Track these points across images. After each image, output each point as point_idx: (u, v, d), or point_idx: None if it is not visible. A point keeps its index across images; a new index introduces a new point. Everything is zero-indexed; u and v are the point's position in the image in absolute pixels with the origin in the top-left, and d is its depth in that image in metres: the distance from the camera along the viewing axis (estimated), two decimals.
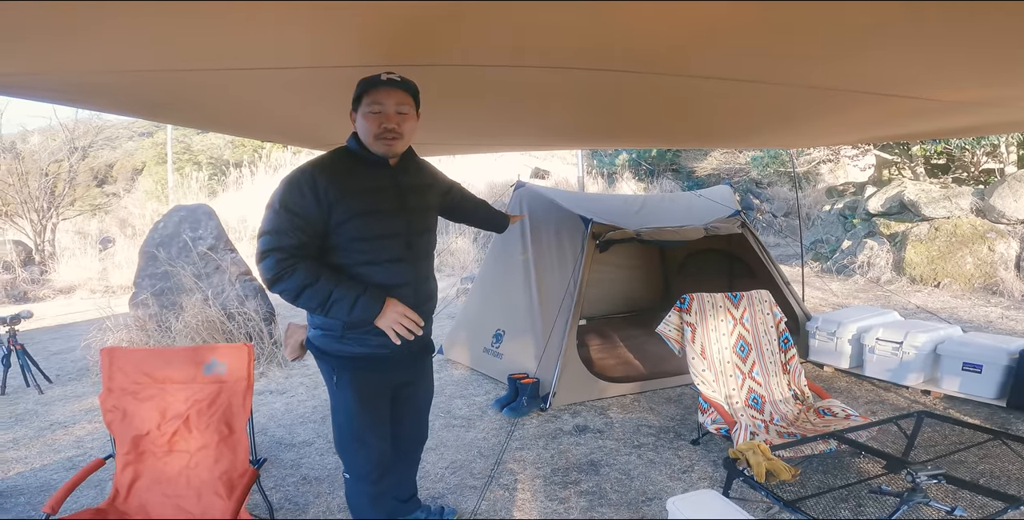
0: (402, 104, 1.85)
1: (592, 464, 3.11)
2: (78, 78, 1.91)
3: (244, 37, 1.61)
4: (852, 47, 1.77)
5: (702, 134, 3.62)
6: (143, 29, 1.48)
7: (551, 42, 1.71)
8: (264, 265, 1.76)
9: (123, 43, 1.60)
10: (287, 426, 3.83)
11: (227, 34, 1.57)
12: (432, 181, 2.15)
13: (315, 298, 1.75)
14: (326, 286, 1.74)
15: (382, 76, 1.81)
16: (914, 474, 1.67)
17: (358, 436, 2.01)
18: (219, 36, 1.59)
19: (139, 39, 1.57)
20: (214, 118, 2.82)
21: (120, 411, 2.35)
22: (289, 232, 1.76)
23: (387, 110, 1.82)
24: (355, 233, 1.84)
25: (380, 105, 1.82)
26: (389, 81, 1.81)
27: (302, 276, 1.74)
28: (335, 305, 1.75)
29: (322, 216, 1.80)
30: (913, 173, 10.17)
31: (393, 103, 1.83)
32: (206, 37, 1.59)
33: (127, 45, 1.62)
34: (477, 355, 4.67)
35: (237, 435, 2.34)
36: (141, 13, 1.33)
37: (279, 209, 1.78)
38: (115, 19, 1.38)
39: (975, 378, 3.64)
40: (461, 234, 11.19)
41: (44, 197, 11.45)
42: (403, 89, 1.84)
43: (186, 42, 1.62)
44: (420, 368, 2.17)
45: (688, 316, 3.11)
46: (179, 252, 5.39)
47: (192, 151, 20.26)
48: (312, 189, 1.78)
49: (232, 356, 2.29)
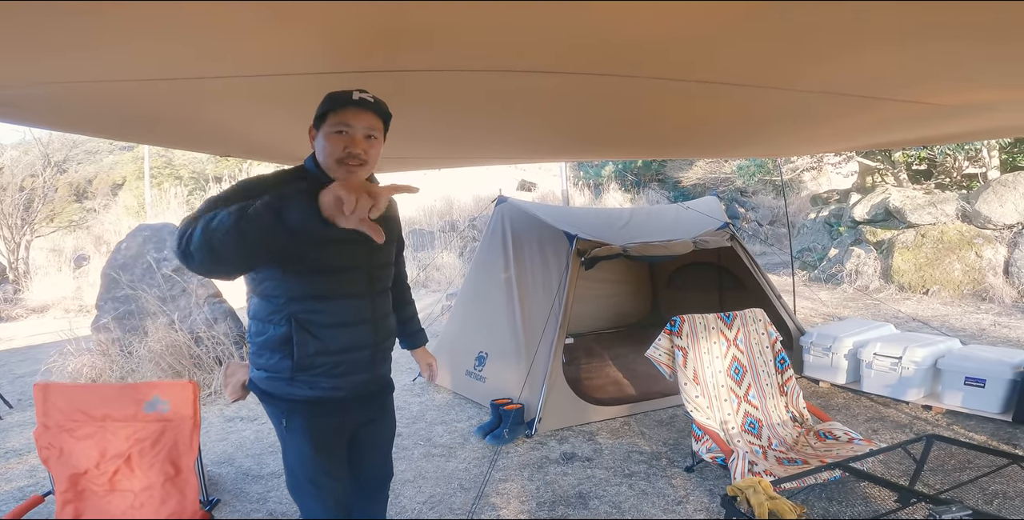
0: (372, 128, 1.62)
1: (580, 496, 2.90)
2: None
3: (195, 43, 1.43)
4: (843, 47, 1.62)
5: (688, 143, 3.47)
6: (79, 34, 1.29)
7: (528, 44, 1.55)
8: (174, 242, 1.35)
9: (56, 52, 1.41)
10: (255, 456, 3.59)
11: (175, 41, 1.39)
12: (392, 214, 1.93)
13: (227, 223, 1.25)
14: (236, 206, 1.28)
15: (353, 95, 1.59)
16: (937, 516, 1.49)
17: (312, 480, 1.80)
18: (168, 43, 1.40)
19: (74, 45, 1.38)
20: (165, 132, 2.62)
21: (56, 448, 2.19)
22: (232, 200, 1.38)
23: (354, 133, 1.59)
24: (309, 264, 1.61)
25: (347, 127, 1.59)
26: (361, 101, 1.59)
27: (206, 216, 1.30)
28: (256, 218, 1.24)
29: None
30: (896, 179, 10.17)
31: (362, 126, 1.60)
32: (154, 44, 1.40)
33: (60, 54, 1.43)
34: (460, 378, 4.46)
35: (184, 475, 2.15)
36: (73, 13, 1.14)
37: (232, 185, 1.57)
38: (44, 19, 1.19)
39: (978, 393, 3.50)
40: (447, 248, 11.01)
41: (18, 213, 11.10)
42: (375, 111, 1.62)
43: (132, 49, 1.44)
44: (380, 406, 1.96)
45: (679, 339, 2.93)
46: (143, 274, 5.13)
47: (173, 165, 19.87)
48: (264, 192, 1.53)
49: (175, 394, 2.08)
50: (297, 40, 1.48)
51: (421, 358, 2.22)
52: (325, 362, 1.68)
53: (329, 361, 1.68)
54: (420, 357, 2.22)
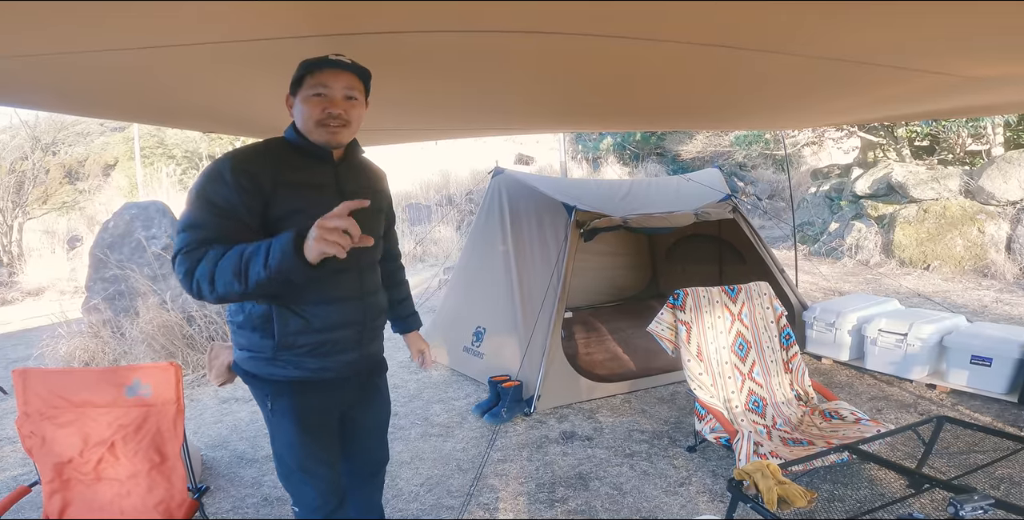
0: (351, 88, 1.56)
1: (580, 477, 2.85)
2: None
3: (166, 9, 1.29)
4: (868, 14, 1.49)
5: (695, 113, 3.33)
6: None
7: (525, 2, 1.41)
8: (177, 266, 1.43)
9: (26, 22, 1.28)
10: (250, 438, 3.53)
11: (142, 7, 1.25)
12: (379, 185, 1.83)
13: (230, 268, 1.36)
14: (236, 250, 1.38)
15: (329, 56, 1.52)
16: (958, 505, 1.42)
17: (302, 466, 1.72)
18: (134, 9, 1.27)
19: (43, 14, 1.25)
20: (137, 107, 2.48)
21: (39, 437, 2.09)
22: (210, 227, 1.44)
23: (333, 94, 1.53)
24: None
25: (325, 88, 1.52)
26: (337, 61, 1.53)
27: (213, 255, 1.39)
28: (249, 264, 1.34)
29: (252, 210, 1.48)
30: (898, 155, 10.01)
31: (341, 86, 1.54)
32: (118, 11, 1.27)
33: (31, 24, 1.30)
34: (457, 354, 4.39)
35: (171, 462, 2.07)
36: None
37: (198, 201, 1.46)
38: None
39: (984, 372, 3.43)
40: (443, 222, 10.87)
41: (8, 196, 10.92)
42: (352, 71, 1.56)
43: (94, 18, 1.30)
44: (372, 387, 1.88)
45: (682, 313, 2.83)
46: (132, 253, 5.01)
47: (166, 145, 19.51)
48: (239, 178, 1.46)
49: (157, 377, 1.99)
50: (272, 3, 1.35)
51: (413, 344, 2.12)
52: (309, 341, 1.60)
53: (313, 340, 1.60)
54: (412, 342, 2.13)
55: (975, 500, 1.41)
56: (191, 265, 1.40)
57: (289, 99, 1.60)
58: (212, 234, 1.43)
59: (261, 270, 1.32)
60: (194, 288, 1.41)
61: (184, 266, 1.41)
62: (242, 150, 1.56)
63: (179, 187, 14.25)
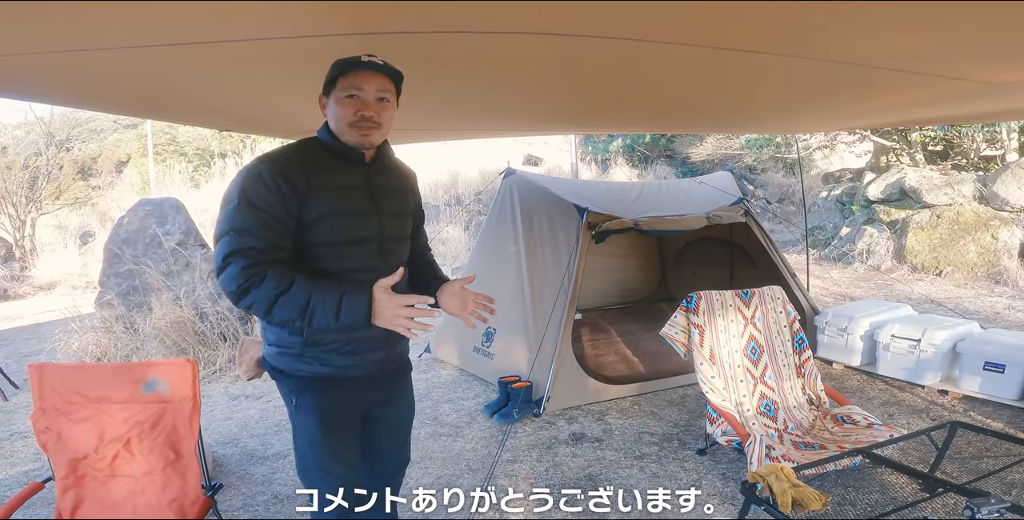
0: (383, 90, 1.57)
1: (590, 479, 2.85)
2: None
3: (188, 6, 1.31)
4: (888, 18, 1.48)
5: (709, 116, 3.32)
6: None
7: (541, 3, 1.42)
8: (227, 275, 1.44)
9: (45, 18, 1.30)
10: (260, 436, 3.55)
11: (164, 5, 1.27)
12: (409, 185, 1.84)
13: (291, 307, 1.42)
14: (302, 291, 1.42)
15: (362, 57, 1.53)
16: (974, 509, 1.41)
17: (321, 465, 1.74)
18: (157, 7, 1.29)
19: (63, 10, 1.27)
20: (156, 105, 2.50)
21: (54, 433, 2.11)
22: (254, 231, 1.46)
23: (366, 96, 1.55)
24: (320, 238, 1.56)
25: (358, 90, 1.54)
26: (370, 63, 1.54)
27: (274, 283, 1.42)
28: (316, 311, 1.42)
29: (291, 213, 1.50)
30: (912, 160, 9.95)
31: (373, 88, 1.55)
32: (141, 8, 1.29)
33: (50, 20, 1.32)
34: (467, 355, 4.40)
35: (186, 460, 2.08)
36: None
37: (239, 204, 1.47)
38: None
39: (997, 378, 3.41)
40: (452, 222, 10.89)
41: (22, 191, 11.03)
42: (385, 73, 1.56)
43: (121, 14, 1.32)
44: (397, 387, 1.89)
45: (696, 317, 2.83)
46: (146, 249, 5.06)
47: (178, 142, 19.67)
48: (277, 180, 1.48)
49: (174, 374, 2.01)
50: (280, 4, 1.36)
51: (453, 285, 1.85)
52: (336, 338, 1.62)
53: (341, 337, 1.62)
54: (450, 286, 1.85)
55: (991, 503, 1.40)
56: (247, 283, 1.43)
57: (322, 99, 1.61)
58: (259, 242, 1.45)
59: (332, 321, 1.43)
60: (243, 303, 1.45)
61: (238, 281, 1.43)
62: (278, 153, 1.59)
63: (190, 184, 14.36)
